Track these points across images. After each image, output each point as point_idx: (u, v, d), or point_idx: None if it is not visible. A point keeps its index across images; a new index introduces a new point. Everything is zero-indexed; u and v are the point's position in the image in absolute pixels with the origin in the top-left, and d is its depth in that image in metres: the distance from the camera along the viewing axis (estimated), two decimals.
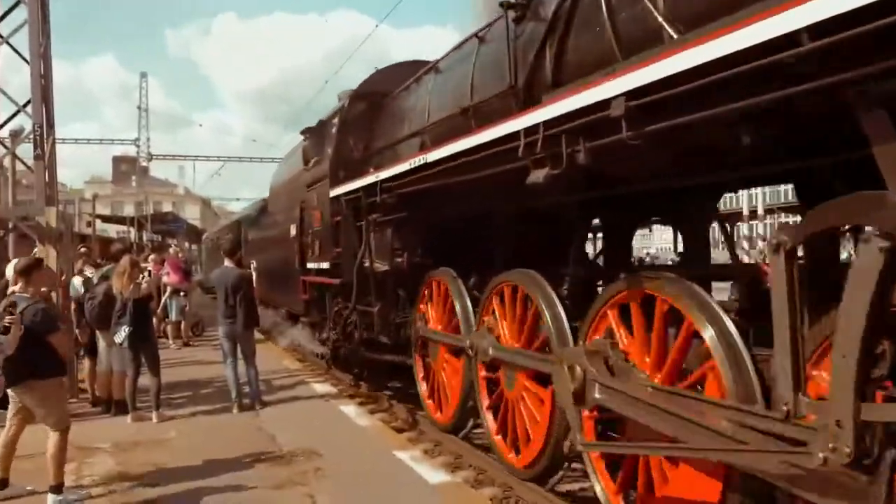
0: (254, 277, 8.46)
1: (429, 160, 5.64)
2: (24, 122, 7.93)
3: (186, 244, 39.04)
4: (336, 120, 9.47)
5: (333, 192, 8.68)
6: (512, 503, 5.32)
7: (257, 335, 9.29)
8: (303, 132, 10.77)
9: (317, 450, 5.97)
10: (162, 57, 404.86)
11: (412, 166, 6.06)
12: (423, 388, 7.55)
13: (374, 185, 7.08)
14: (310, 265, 10.09)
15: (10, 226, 8.13)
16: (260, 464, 5.67)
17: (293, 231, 11.02)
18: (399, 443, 6.39)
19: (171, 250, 18.26)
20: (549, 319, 4.98)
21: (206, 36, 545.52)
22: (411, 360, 7.72)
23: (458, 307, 6.48)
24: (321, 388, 9.01)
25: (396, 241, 7.66)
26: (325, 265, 9.13)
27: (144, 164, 52.85)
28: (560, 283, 5.21)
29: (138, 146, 50.46)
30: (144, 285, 7.53)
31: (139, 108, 51.17)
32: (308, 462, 5.67)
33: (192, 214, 60.49)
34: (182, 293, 13.40)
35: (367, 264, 7.91)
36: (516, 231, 6.25)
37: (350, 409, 7.69)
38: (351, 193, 8.04)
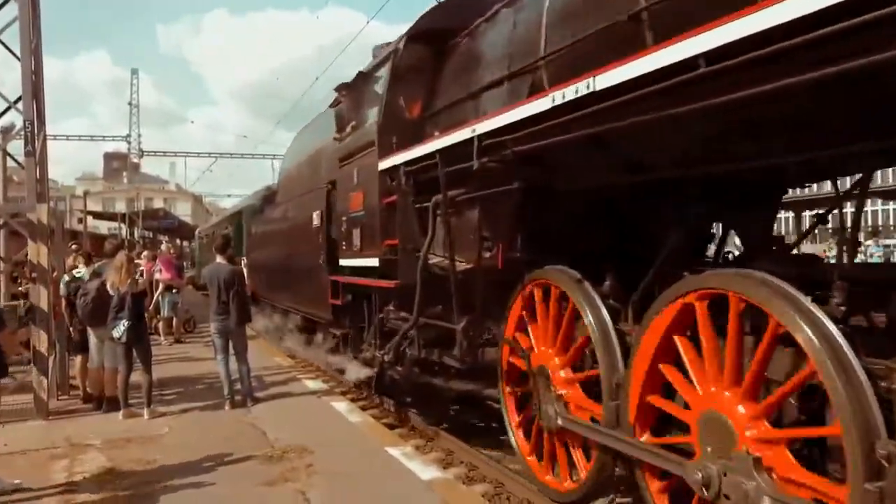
0: (245, 274, 8.44)
1: (597, 88, 3.51)
2: (15, 118, 7.91)
3: (178, 241, 39.01)
4: (385, 71, 7.19)
5: (385, 164, 6.63)
6: (503, 499, 5.36)
7: (249, 332, 9.27)
8: (337, 89, 8.53)
9: (308, 446, 5.97)
10: (153, 53, 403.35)
11: (556, 103, 3.86)
12: (518, 435, 5.49)
13: (462, 145, 4.99)
14: (343, 262, 8.10)
15: (1, 223, 8.11)
16: (252, 460, 5.67)
17: (316, 220, 9.12)
18: (391, 439, 6.40)
19: (162, 247, 18.23)
20: (832, 377, 2.82)
21: (197, 32, 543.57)
22: (492, 390, 5.89)
23: (592, 328, 4.35)
24: (313, 384, 9.02)
25: (486, 226, 5.44)
26: (372, 262, 7.06)
27: (136, 160, 52.76)
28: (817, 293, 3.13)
29: (129, 143, 50.34)
30: (141, 280, 7.54)
31: (130, 104, 51.04)
32: (300, 459, 5.68)
33: (183, 211, 60.28)
34: (174, 290, 13.39)
35: (434, 261, 5.90)
36: (701, 205, 4.11)
37: (342, 405, 7.70)
38: (415, 163, 5.99)
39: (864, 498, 2.65)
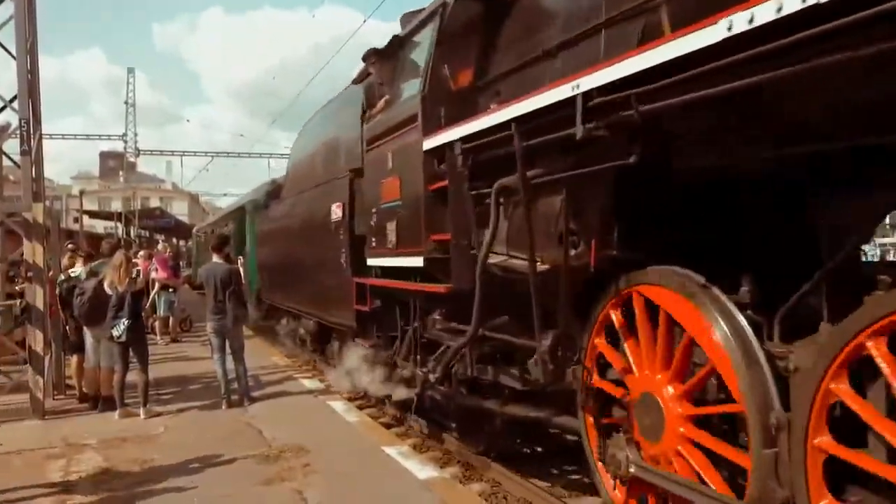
0: (241, 273, 8.43)
1: None
2: (11, 117, 7.89)
3: (174, 240, 38.97)
4: (428, 33, 5.97)
5: (433, 142, 5.42)
6: (500, 498, 5.37)
7: (246, 331, 9.26)
8: (366, 56, 7.07)
9: (305, 446, 5.97)
10: (150, 52, 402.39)
11: (736, 31, 2.55)
12: (607, 480, 4.25)
13: (551, 110, 3.79)
14: (372, 261, 6.96)
15: None
16: (248, 460, 5.67)
17: (336, 214, 7.96)
18: (388, 438, 6.41)
19: (159, 246, 18.21)
20: None
21: (193, 30, 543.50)
22: (565, 417, 4.84)
23: (730, 346, 3.19)
24: (310, 383, 9.02)
25: (572, 217, 4.13)
26: (413, 262, 5.82)
27: (132, 159, 52.61)
28: None
29: (126, 141, 50.22)
30: (141, 279, 7.54)
31: (126, 103, 50.95)
32: (297, 458, 5.68)
33: (180, 210, 60.14)
34: (171, 289, 13.38)
35: (495, 261, 4.68)
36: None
37: (338, 404, 7.70)
38: (478, 137, 4.74)
39: None
